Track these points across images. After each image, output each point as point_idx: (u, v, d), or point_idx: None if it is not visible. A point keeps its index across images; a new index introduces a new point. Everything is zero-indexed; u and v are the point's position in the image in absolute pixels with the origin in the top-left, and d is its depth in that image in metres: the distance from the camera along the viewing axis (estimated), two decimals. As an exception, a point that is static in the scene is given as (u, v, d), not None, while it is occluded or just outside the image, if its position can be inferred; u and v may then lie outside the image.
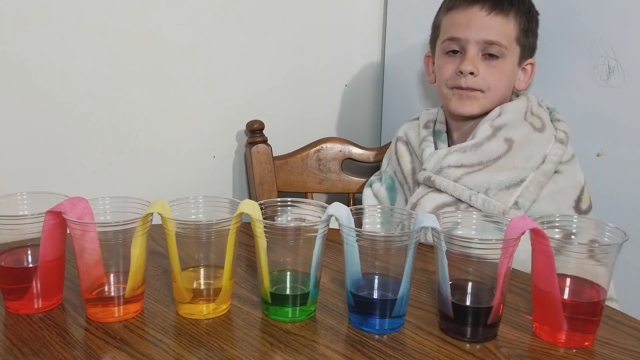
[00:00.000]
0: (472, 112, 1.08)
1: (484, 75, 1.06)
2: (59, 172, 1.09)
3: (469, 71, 1.06)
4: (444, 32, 1.11)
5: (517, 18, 1.07)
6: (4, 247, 0.77)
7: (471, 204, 1.03)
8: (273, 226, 0.74)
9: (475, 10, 1.06)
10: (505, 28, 1.06)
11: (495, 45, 1.06)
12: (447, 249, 0.71)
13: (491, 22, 1.06)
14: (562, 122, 1.08)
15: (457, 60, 1.09)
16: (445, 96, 1.11)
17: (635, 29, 1.05)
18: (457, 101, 1.09)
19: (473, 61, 1.06)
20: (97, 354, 0.68)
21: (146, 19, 1.13)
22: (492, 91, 1.07)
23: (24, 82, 1.03)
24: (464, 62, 1.06)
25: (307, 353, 0.69)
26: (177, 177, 1.24)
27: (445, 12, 1.12)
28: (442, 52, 1.11)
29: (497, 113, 1.06)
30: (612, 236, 0.74)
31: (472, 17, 1.06)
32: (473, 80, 1.06)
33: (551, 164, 1.02)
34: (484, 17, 1.06)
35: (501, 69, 1.07)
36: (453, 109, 1.10)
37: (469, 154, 1.04)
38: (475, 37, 1.06)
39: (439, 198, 1.05)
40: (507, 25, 1.06)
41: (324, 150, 1.32)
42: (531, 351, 0.71)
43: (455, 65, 1.08)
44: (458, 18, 1.08)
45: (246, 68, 1.29)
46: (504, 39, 1.06)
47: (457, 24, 1.08)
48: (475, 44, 1.06)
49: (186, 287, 0.76)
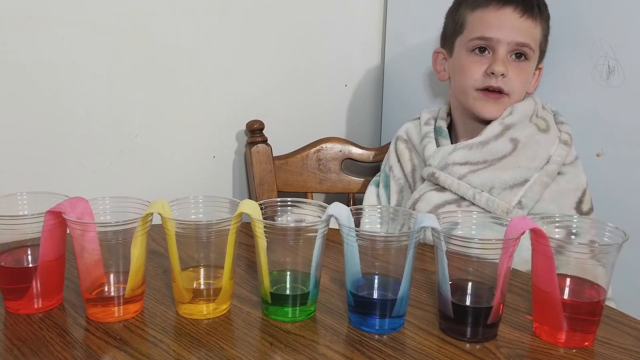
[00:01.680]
0: (495, 116, 1.08)
1: (512, 77, 1.06)
2: (59, 172, 1.09)
3: (501, 72, 1.05)
4: (471, 30, 1.10)
5: (542, 23, 1.09)
6: (4, 247, 0.77)
7: (475, 203, 1.03)
8: (273, 226, 0.74)
9: (509, 12, 1.06)
10: (534, 32, 1.07)
11: (526, 47, 1.06)
12: (447, 249, 0.71)
13: (524, 24, 1.06)
14: (565, 125, 1.09)
15: (484, 60, 1.08)
16: (469, 97, 1.09)
17: (635, 29, 1.05)
18: (483, 104, 1.08)
19: (504, 62, 1.06)
20: (97, 354, 0.68)
21: (146, 19, 1.13)
22: (515, 94, 1.08)
23: (24, 82, 1.03)
24: (496, 63, 1.05)
25: (307, 353, 0.69)
26: (177, 177, 1.24)
27: (471, 9, 1.10)
28: (467, 50, 1.10)
29: (509, 112, 1.07)
30: (612, 236, 0.74)
31: (505, 18, 1.06)
32: (503, 81, 1.06)
33: (555, 164, 1.03)
34: (517, 19, 1.06)
35: (526, 71, 1.08)
36: (478, 112, 1.09)
37: (474, 152, 1.05)
38: (508, 39, 1.06)
39: (442, 196, 1.05)
40: (536, 29, 1.08)
41: (324, 150, 1.32)
42: (531, 351, 0.71)
43: (483, 66, 1.07)
44: (490, 17, 1.07)
45: (246, 68, 1.29)
46: (532, 42, 1.07)
47: (488, 23, 1.07)
48: (507, 45, 1.06)
49: (186, 287, 0.76)
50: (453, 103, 1.16)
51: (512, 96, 1.08)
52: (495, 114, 1.08)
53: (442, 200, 1.05)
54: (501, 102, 1.08)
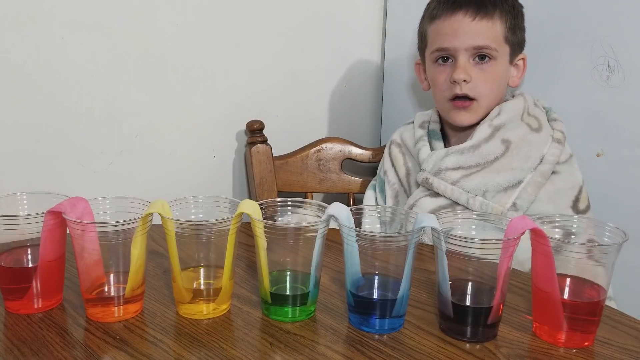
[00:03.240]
0: (471, 122, 1.09)
1: (477, 81, 1.06)
2: (59, 172, 1.09)
3: (462, 79, 1.05)
4: (431, 42, 1.11)
5: (503, 17, 1.07)
6: (4, 247, 0.77)
7: (469, 207, 1.03)
8: (273, 226, 0.74)
9: (460, 17, 1.06)
10: (492, 31, 1.06)
11: (485, 49, 1.06)
12: (447, 249, 0.71)
13: (477, 27, 1.05)
14: (558, 122, 1.08)
15: (448, 69, 1.08)
16: (443, 108, 1.11)
17: (635, 29, 1.05)
18: (455, 114, 1.09)
19: (465, 68, 1.06)
20: (97, 354, 0.68)
21: (146, 19, 1.13)
22: (485, 98, 1.07)
23: (24, 82, 1.03)
24: (456, 71, 1.06)
25: (307, 353, 0.69)
26: (177, 177, 1.24)
27: (429, 21, 1.12)
28: (432, 61, 1.11)
29: (497, 112, 1.07)
30: (612, 236, 0.74)
31: (457, 24, 1.06)
32: (467, 86, 1.06)
33: (548, 164, 1.02)
34: (469, 23, 1.05)
35: (493, 72, 1.07)
36: (453, 121, 1.10)
37: (466, 156, 1.04)
38: (464, 45, 1.05)
39: (436, 201, 1.06)
40: (494, 27, 1.06)
41: (324, 150, 1.32)
42: (531, 351, 0.71)
43: (447, 74, 1.08)
44: (444, 27, 1.08)
45: (246, 68, 1.29)
46: (492, 42, 1.06)
47: (443, 33, 1.08)
48: (465, 51, 1.06)
49: (186, 287, 0.76)
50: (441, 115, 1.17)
51: (482, 100, 1.07)
52: (470, 121, 1.08)
53: (436, 205, 1.05)
54: (471, 109, 1.08)
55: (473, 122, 1.08)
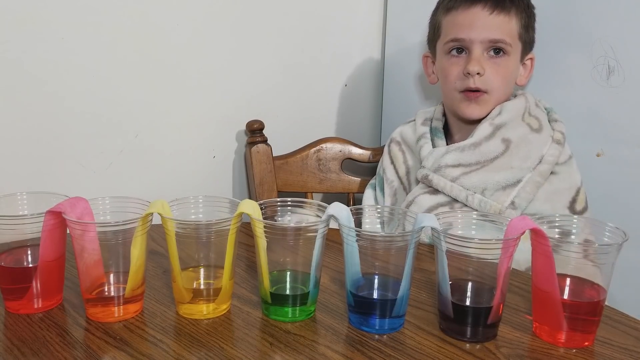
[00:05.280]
0: (480, 115, 1.08)
1: (490, 74, 1.06)
2: (59, 172, 1.09)
3: (476, 72, 1.05)
4: (445, 33, 1.11)
5: (518, 15, 1.08)
6: (4, 247, 0.77)
7: (467, 204, 1.03)
8: (273, 226, 0.74)
9: (478, 10, 1.06)
10: (508, 26, 1.07)
11: (501, 43, 1.06)
12: (447, 248, 0.71)
13: (494, 21, 1.06)
14: (559, 123, 1.08)
15: (461, 61, 1.08)
16: (453, 99, 1.11)
17: (635, 29, 1.05)
18: (466, 105, 1.08)
19: (479, 61, 1.06)
20: (97, 354, 0.68)
21: (146, 19, 1.13)
22: (495, 91, 1.07)
23: (24, 82, 1.03)
24: (470, 63, 1.06)
25: (307, 353, 0.69)
26: (177, 177, 1.24)
27: (444, 12, 1.12)
28: (445, 52, 1.11)
29: (498, 111, 1.07)
30: (611, 236, 0.74)
31: (474, 17, 1.06)
32: (480, 80, 1.06)
33: (547, 164, 1.03)
34: (487, 17, 1.06)
35: (506, 67, 1.08)
36: (462, 113, 1.09)
37: (466, 153, 1.05)
38: (480, 37, 1.06)
39: (435, 198, 1.06)
40: (510, 23, 1.07)
41: (324, 150, 1.32)
42: (531, 351, 0.71)
43: (460, 67, 1.08)
44: (460, 18, 1.08)
45: (246, 68, 1.29)
46: (507, 36, 1.06)
47: (459, 24, 1.08)
48: (480, 43, 1.06)
49: (186, 287, 0.76)
50: (445, 104, 1.17)
51: (493, 93, 1.07)
52: (480, 114, 1.08)
53: (434, 202, 1.05)
54: (482, 101, 1.08)
55: (482, 115, 1.08)
